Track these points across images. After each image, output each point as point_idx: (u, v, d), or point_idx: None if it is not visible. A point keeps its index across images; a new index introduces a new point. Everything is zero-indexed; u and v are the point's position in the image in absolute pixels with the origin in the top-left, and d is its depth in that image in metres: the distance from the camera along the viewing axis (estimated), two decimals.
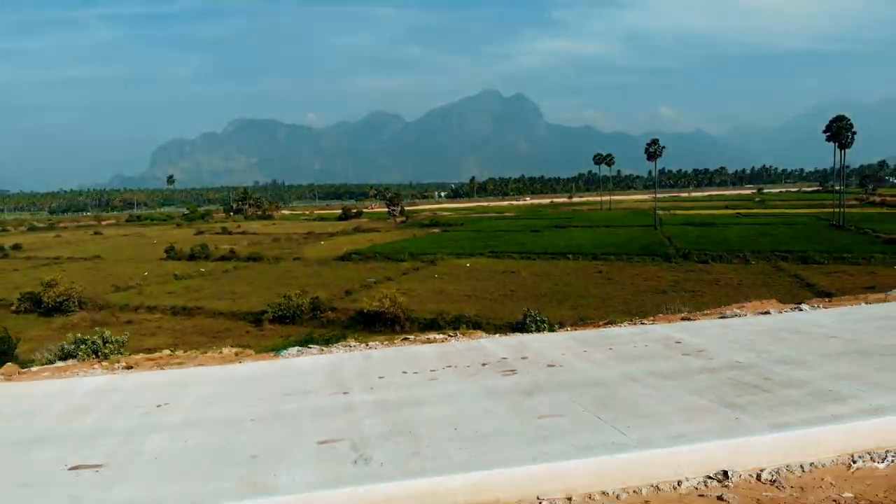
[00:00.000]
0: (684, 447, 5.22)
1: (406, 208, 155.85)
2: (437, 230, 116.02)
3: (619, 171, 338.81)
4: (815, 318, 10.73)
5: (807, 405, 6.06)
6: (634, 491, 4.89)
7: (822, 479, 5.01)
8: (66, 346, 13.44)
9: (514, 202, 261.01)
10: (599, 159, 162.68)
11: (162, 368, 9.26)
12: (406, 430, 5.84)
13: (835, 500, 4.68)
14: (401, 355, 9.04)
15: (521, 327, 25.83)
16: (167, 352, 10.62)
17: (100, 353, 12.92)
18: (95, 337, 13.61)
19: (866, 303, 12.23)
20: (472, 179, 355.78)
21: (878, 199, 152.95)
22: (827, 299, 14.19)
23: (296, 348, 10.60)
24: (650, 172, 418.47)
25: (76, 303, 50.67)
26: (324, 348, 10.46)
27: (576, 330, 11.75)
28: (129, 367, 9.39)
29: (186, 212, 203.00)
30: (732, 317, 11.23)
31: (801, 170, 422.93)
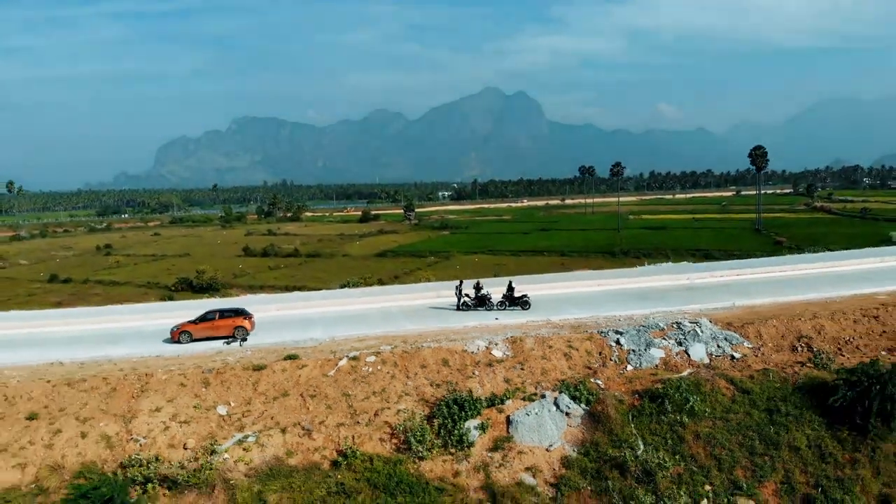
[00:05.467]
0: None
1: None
2: (446, 232, 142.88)
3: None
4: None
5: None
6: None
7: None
8: (346, 282, 40.36)
9: (513, 204, 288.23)
10: (583, 170, 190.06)
11: None
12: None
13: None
14: None
15: None
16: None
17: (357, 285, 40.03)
18: (356, 278, 40.54)
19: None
20: (475, 182, 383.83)
21: (818, 205, 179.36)
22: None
23: None
24: (641, 174, 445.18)
25: (220, 284, 77.31)
26: None
27: None
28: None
29: (222, 214, 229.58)
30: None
31: (784, 171, 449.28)
